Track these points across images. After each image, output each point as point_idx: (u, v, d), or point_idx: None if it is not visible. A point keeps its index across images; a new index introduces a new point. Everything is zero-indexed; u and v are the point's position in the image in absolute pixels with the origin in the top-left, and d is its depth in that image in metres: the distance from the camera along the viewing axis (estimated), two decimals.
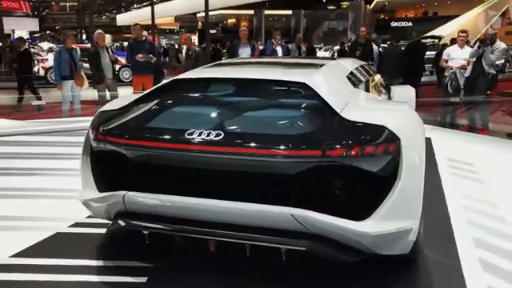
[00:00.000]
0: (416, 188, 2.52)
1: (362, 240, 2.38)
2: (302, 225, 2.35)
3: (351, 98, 2.80)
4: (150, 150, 2.50)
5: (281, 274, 2.74)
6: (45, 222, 3.47)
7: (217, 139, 2.33)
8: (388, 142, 2.40)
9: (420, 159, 2.60)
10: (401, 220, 2.44)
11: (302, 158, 2.27)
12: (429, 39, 21.74)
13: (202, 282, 2.66)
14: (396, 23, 35.08)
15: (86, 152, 2.86)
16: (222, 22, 46.58)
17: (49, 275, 2.71)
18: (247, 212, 2.38)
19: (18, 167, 5.02)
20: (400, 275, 2.78)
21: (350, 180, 2.47)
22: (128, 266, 2.81)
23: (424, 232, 3.28)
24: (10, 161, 5.30)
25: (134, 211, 2.66)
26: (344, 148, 2.28)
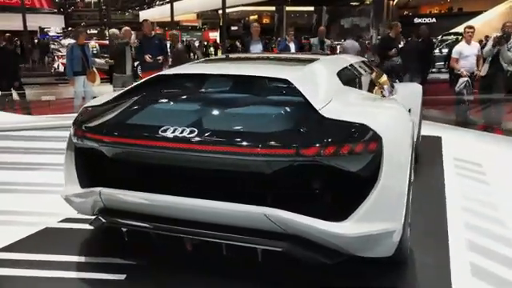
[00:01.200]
0: (398, 189, 2.43)
1: (339, 242, 2.31)
2: (276, 225, 2.29)
3: (338, 96, 2.71)
4: (124, 147, 2.47)
5: (260, 273, 2.68)
6: (36, 216, 3.49)
7: (190, 136, 2.29)
8: (368, 140, 2.31)
9: (404, 159, 2.51)
10: (381, 222, 2.36)
11: (275, 156, 2.21)
12: (452, 36, 21.21)
13: (179, 280, 2.63)
14: (420, 19, 34.39)
15: (69, 147, 2.86)
16: (244, 19, 46.52)
17: (29, 270, 2.72)
18: (221, 211, 2.34)
19: (21, 162, 5.09)
20: (384, 276, 2.70)
21: (326, 180, 2.40)
22: (108, 262, 2.80)
23: (417, 233, 3.22)
24: (13, 155, 5.38)
25: (112, 208, 2.65)
26: (318, 147, 2.20)
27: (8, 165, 4.99)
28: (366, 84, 3.62)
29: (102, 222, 2.67)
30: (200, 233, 2.41)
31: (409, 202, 2.58)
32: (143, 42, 8.56)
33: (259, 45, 9.17)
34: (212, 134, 2.31)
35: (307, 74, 2.93)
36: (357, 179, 2.36)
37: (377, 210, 2.34)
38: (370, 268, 2.74)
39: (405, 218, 2.52)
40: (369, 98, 3.05)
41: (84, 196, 2.65)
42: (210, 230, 2.41)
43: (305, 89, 2.56)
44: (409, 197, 2.57)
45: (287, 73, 2.79)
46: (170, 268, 2.75)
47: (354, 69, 3.64)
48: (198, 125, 2.39)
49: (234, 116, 2.53)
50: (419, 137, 5.18)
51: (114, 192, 2.54)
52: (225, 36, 17.82)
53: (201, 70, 3.10)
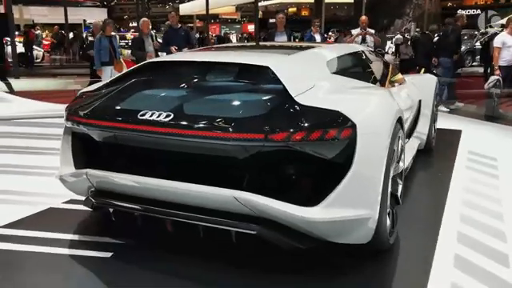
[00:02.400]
0: (372, 177, 2.44)
1: (308, 226, 2.35)
2: (247, 208, 2.35)
3: (321, 84, 2.73)
4: (106, 130, 2.59)
5: (241, 256, 2.75)
6: (43, 197, 3.67)
7: (165, 120, 2.37)
8: (341, 127, 2.33)
9: (381, 148, 2.50)
10: (352, 208, 2.38)
11: (245, 141, 2.26)
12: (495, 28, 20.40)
13: (163, 259, 2.73)
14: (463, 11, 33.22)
15: (66, 131, 3.00)
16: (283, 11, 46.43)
17: (26, 246, 2.88)
18: (194, 193, 2.41)
19: (37, 147, 5.34)
20: (361, 264, 2.70)
21: (298, 165, 2.44)
22: (98, 241, 2.94)
23: (410, 222, 3.22)
24: (31, 141, 5.66)
25: (101, 189, 2.79)
26: (287, 132, 2.24)
27: (32, 149, 5.27)
28: (362, 73, 3.60)
29: (92, 202, 2.81)
30: (173, 213, 2.50)
31: (386, 190, 2.57)
32: (169, 33, 8.74)
33: (284, 36, 9.16)
34: (186, 118, 2.39)
35: (290, 61, 2.96)
36: (329, 165, 2.38)
37: (347, 197, 2.36)
38: (347, 256, 2.76)
39: (382, 207, 2.52)
40: (356, 86, 3.04)
41: (74, 177, 2.79)
42: (184, 212, 2.49)
43: (283, 76, 2.59)
44: (386, 185, 2.56)
45: (269, 60, 2.83)
46: (154, 248, 2.86)
47: (352, 58, 3.63)
48: (176, 109, 2.46)
49: (211, 102, 2.60)
50: (433, 128, 5.08)
51: (99, 173, 2.66)
52: (257, 28, 17.81)
53: (186, 58, 3.18)
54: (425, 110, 4.80)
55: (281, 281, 2.53)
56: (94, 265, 2.68)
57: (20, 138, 5.89)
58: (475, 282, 2.52)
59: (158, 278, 2.54)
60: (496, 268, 2.66)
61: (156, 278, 2.53)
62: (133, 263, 2.69)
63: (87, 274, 2.61)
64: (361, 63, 3.75)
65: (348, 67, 3.47)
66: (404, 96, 4.01)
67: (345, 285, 2.52)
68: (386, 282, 2.57)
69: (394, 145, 2.70)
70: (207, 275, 2.56)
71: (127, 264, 2.69)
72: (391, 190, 2.83)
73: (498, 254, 2.83)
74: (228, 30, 48.81)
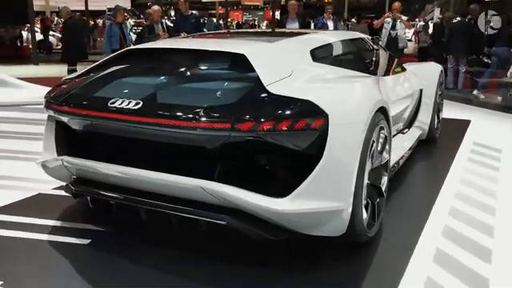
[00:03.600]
0: (344, 169, 2.38)
1: (277, 218, 2.31)
2: (216, 198, 2.32)
3: (300, 73, 2.67)
4: (79, 117, 2.60)
5: (221, 245, 2.74)
6: (35, 183, 3.71)
7: (133, 108, 2.36)
8: (312, 117, 2.27)
9: (355, 139, 2.43)
10: (322, 200, 2.33)
11: (211, 130, 2.23)
12: None
13: (140, 248, 2.73)
14: None
15: (49, 118, 3.02)
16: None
17: (6, 231, 2.92)
18: (163, 182, 2.40)
19: None
20: (337, 255, 2.66)
21: (265, 155, 2.39)
22: (78, 227, 2.96)
23: (396, 214, 3.15)
24: (37, 127, 5.70)
25: (80, 176, 2.80)
26: (253, 122, 2.20)
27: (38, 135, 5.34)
28: (353, 61, 3.51)
29: (72, 189, 2.83)
30: (144, 202, 2.50)
31: (362, 182, 2.50)
32: (179, 20, 8.73)
33: (295, 23, 9.05)
34: (154, 106, 2.37)
35: (269, 49, 2.90)
36: (298, 156, 2.33)
37: (317, 188, 2.31)
38: (323, 247, 2.72)
39: (356, 199, 2.46)
40: (339, 75, 2.95)
41: (53, 163, 2.81)
42: (155, 200, 2.48)
43: (258, 64, 2.54)
44: (362, 177, 2.49)
45: (247, 48, 2.78)
46: (134, 236, 2.87)
47: (344, 46, 3.54)
48: (146, 98, 2.44)
49: (182, 90, 2.56)
50: (435, 118, 4.94)
51: (74, 161, 2.67)
52: (274, 14, 17.68)
53: (165, 45, 3.16)
54: (426, 100, 4.67)
55: (261, 271, 2.50)
56: (70, 251, 2.70)
57: (27, 123, 5.98)
58: (452, 277, 2.45)
59: (133, 266, 2.53)
60: (477, 264, 2.58)
61: (130, 267, 2.52)
62: (108, 251, 2.70)
63: (61, 260, 2.63)
64: (353, 51, 3.66)
65: (337, 55, 3.39)
66: (398, 85, 3.91)
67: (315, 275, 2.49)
68: (358, 274, 2.51)
69: (373, 136, 2.62)
70: (184, 265, 2.54)
71: (101, 251, 2.70)
72: (371, 182, 2.76)
73: (482, 249, 2.74)
74: (251, 16, 48.53)
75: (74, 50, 9.40)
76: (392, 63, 4.20)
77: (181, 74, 2.74)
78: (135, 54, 3.12)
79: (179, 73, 2.76)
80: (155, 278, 2.43)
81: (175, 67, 2.84)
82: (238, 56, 2.65)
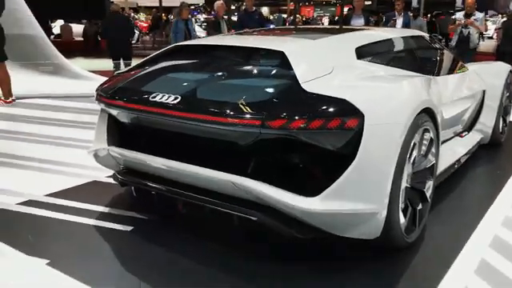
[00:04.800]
0: (379, 171, 2.31)
1: (305, 216, 2.30)
2: (248, 194, 2.35)
3: (342, 71, 2.62)
4: (123, 110, 2.72)
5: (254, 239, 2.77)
6: (92, 171, 3.91)
7: (170, 102, 2.43)
8: (346, 116, 2.23)
9: (393, 141, 2.35)
10: (354, 202, 2.28)
11: (242, 126, 2.25)
12: None
13: (177, 237, 2.82)
14: None
15: (102, 109, 3.18)
16: None
17: (58, 214, 3.13)
18: (198, 175, 2.46)
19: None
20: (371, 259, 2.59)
21: (297, 153, 2.38)
22: (123, 214, 3.11)
23: (442, 222, 3.05)
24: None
25: (126, 166, 2.94)
26: (285, 120, 2.19)
27: None
28: (405, 60, 3.38)
29: (118, 177, 2.98)
30: (182, 193, 2.57)
31: (399, 185, 2.42)
32: (243, 17, 8.83)
33: (361, 19, 8.84)
34: (190, 101, 2.43)
35: (310, 46, 2.86)
36: (331, 156, 2.30)
37: (349, 189, 2.26)
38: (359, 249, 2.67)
39: (392, 202, 2.38)
40: (384, 74, 2.86)
41: (101, 153, 2.97)
42: (193, 193, 2.55)
43: (296, 62, 2.53)
44: (399, 180, 2.41)
45: (287, 45, 2.77)
46: (172, 225, 2.97)
47: (397, 44, 3.42)
48: (184, 93, 2.50)
49: (220, 86, 2.60)
50: (500, 121, 4.65)
51: (119, 151, 2.81)
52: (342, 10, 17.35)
53: (207, 42, 3.21)
54: (489, 102, 4.41)
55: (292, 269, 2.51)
56: (113, 237, 2.84)
57: (88, 113, 6.25)
58: None
59: (169, 255, 2.61)
60: None
61: (167, 255, 2.61)
62: (147, 238, 2.81)
63: (104, 244, 2.77)
64: (406, 50, 3.53)
65: (387, 53, 3.28)
66: (456, 86, 3.72)
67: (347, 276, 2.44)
68: (392, 279, 2.42)
69: (414, 138, 2.52)
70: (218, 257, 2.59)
71: (142, 239, 2.81)
72: (412, 186, 2.66)
73: None
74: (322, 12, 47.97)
75: (116, 46, 9.05)
76: (451, 62, 4.00)
77: (220, 70, 2.79)
78: (180, 50, 3.21)
79: (219, 69, 2.80)
80: (189, 266, 2.50)
81: (216, 63, 2.90)
82: (278, 53, 2.65)
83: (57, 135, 5.23)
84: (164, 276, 2.41)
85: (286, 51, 2.61)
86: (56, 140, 5.05)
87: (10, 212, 3.17)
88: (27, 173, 3.99)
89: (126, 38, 9.25)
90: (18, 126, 5.72)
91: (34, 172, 4.01)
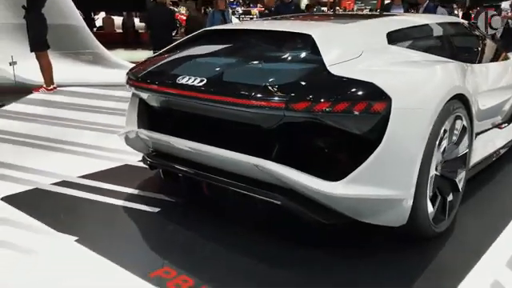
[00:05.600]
0: (405, 157, 2.25)
1: (328, 201, 2.27)
2: (271, 177, 2.34)
3: (371, 55, 2.56)
4: (151, 92, 2.76)
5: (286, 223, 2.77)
6: (125, 155, 3.99)
7: (196, 84, 2.44)
8: (372, 100, 2.18)
9: (421, 127, 2.28)
10: (379, 187, 2.24)
11: (266, 109, 2.23)
12: None
13: (203, 219, 2.85)
14: None
15: (133, 93, 3.24)
16: None
17: (88, 194, 3.22)
18: (222, 158, 2.47)
19: None
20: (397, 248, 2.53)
21: (319, 137, 2.34)
22: (151, 196, 3.16)
23: (476, 214, 2.96)
24: None
25: (155, 149, 2.99)
26: (308, 102, 2.16)
27: None
28: (440, 47, 3.27)
29: (147, 160, 3.03)
30: (209, 176, 2.59)
31: (427, 173, 2.35)
32: (280, 7, 8.79)
33: (400, 9, 8.66)
34: (216, 83, 2.43)
35: (339, 30, 2.81)
36: (356, 140, 2.25)
37: (374, 175, 2.22)
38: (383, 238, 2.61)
39: (419, 190, 2.32)
40: (416, 59, 2.77)
41: (131, 135, 3.02)
42: (217, 175, 2.57)
43: (323, 45, 2.49)
44: (427, 168, 2.34)
45: (315, 29, 2.73)
46: (198, 208, 3.00)
47: (428, 30, 3.31)
48: (210, 75, 2.50)
49: (246, 69, 2.59)
50: None
51: (148, 133, 2.86)
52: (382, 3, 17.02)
53: (236, 27, 3.20)
54: None
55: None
56: (140, 218, 2.90)
57: (125, 101, 6.35)
58: None
59: (193, 236, 2.65)
60: None
61: (191, 237, 2.65)
62: (173, 220, 2.84)
63: (131, 224, 2.83)
64: (441, 36, 3.41)
65: (420, 39, 3.17)
66: (495, 75, 3.57)
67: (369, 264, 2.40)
68: (418, 268, 2.36)
69: (445, 125, 2.44)
70: (241, 244, 2.58)
71: (168, 220, 2.86)
72: (442, 175, 2.59)
73: None
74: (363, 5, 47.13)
75: (158, 37, 8.88)
76: (492, 51, 3.84)
77: (248, 53, 2.78)
78: (210, 35, 3.22)
79: (246, 52, 2.80)
80: (211, 249, 2.51)
81: (244, 47, 2.89)
82: (305, 37, 2.62)
83: (94, 121, 5.38)
84: (187, 257, 2.43)
85: (314, 34, 2.58)
86: (93, 126, 5.19)
87: (43, 191, 3.29)
88: (63, 156, 4.13)
89: (168, 29, 9.33)
90: (58, 112, 5.91)
91: (69, 155, 4.14)
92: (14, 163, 3.86)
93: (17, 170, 3.70)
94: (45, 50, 7.05)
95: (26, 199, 3.15)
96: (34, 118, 5.55)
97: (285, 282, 2.23)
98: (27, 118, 5.56)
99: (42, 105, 6.33)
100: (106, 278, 2.24)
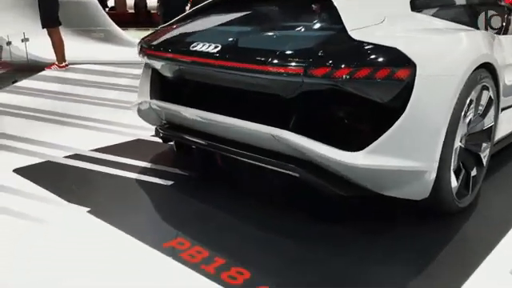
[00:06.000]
0: (430, 127, 2.15)
1: (348, 172, 2.18)
2: (286, 147, 2.25)
3: (392, 21, 2.44)
4: (163, 61, 2.67)
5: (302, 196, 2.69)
6: (138, 130, 3.93)
7: (211, 51, 2.35)
8: (396, 66, 2.07)
9: (445, 95, 2.17)
10: (401, 158, 2.14)
11: (284, 75, 2.13)
12: None
13: (216, 192, 2.78)
14: None
15: (145, 64, 3.16)
16: None
17: (102, 167, 3.17)
18: (237, 128, 2.38)
19: None
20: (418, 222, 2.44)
21: (339, 105, 2.25)
22: (165, 170, 3.10)
23: (500, 189, 2.87)
24: None
25: (169, 121, 2.92)
26: (328, 68, 2.05)
27: None
28: (464, 16, 3.13)
29: (159, 132, 2.96)
30: (223, 148, 2.51)
31: (452, 145, 2.25)
32: None
33: None
34: (230, 49, 2.34)
35: None
36: (378, 108, 2.15)
37: (397, 145, 2.12)
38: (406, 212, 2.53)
39: (443, 162, 2.22)
40: (441, 27, 2.65)
41: (144, 106, 2.95)
42: (233, 147, 2.49)
43: (344, 9, 2.37)
44: (452, 139, 2.24)
45: None
46: (212, 181, 2.94)
47: None
48: (226, 42, 2.42)
49: (264, 35, 2.49)
50: None
51: (161, 104, 2.78)
52: None
53: None
54: None
55: None
56: (153, 190, 2.84)
57: (138, 79, 6.29)
58: None
59: (206, 209, 2.58)
60: None
61: (204, 209, 2.58)
62: (186, 193, 2.79)
63: (143, 196, 2.78)
64: (469, 5, 3.27)
65: (447, 7, 3.04)
66: None
67: None
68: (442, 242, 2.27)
69: (471, 94, 2.33)
70: (254, 216, 2.51)
71: (181, 193, 2.80)
72: (467, 148, 2.48)
73: None
74: None
75: (169, 12, 8.90)
76: None
77: (265, 19, 2.68)
78: (224, 2, 3.11)
79: (263, 19, 2.70)
80: (224, 222, 2.45)
81: (260, 13, 2.79)
82: (326, 2, 2.50)
83: (106, 97, 5.32)
84: (200, 229, 2.37)
85: None
86: (105, 102, 5.14)
87: (55, 164, 3.25)
88: (75, 130, 4.08)
89: (181, 5, 9.14)
90: (70, 88, 5.87)
91: (81, 129, 4.10)
92: (25, 136, 3.83)
93: (28, 143, 3.66)
94: (56, 27, 6.99)
95: (37, 171, 3.10)
96: (47, 94, 5.52)
97: (298, 256, 2.15)
98: (39, 94, 5.52)
99: (55, 81, 6.30)
100: (119, 248, 2.19)
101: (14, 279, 1.95)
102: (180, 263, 2.04)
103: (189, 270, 1.99)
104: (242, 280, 1.93)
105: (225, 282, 1.91)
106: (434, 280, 1.97)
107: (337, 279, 1.97)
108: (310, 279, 1.97)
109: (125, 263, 2.07)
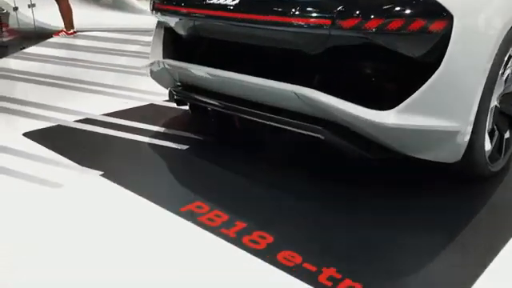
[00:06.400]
0: (466, 84, 1.99)
1: (377, 132, 2.03)
2: (309, 106, 2.11)
3: None
4: (178, 16, 2.51)
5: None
6: (151, 95, 3.80)
7: (230, 4, 2.19)
8: (432, 17, 1.90)
9: (484, 49, 2.01)
10: (435, 118, 1.99)
11: (310, 27, 1.98)
12: None
13: (231, 157, 2.67)
14: None
15: (157, 24, 3.01)
16: None
17: (115, 131, 3.06)
18: (257, 87, 2.24)
19: None
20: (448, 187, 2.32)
21: (369, 61, 2.09)
22: (180, 135, 2.99)
23: None
24: None
25: (183, 82, 2.78)
26: (358, 19, 1.90)
27: None
28: None
29: (173, 94, 2.82)
30: (241, 109, 2.37)
31: (488, 105, 2.10)
32: None
33: None
34: (251, 2, 2.17)
35: None
36: (411, 63, 1.99)
37: (429, 103, 1.97)
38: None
39: (478, 123, 2.07)
40: None
41: (156, 66, 2.81)
42: (253, 109, 2.35)
43: None
44: (488, 99, 2.09)
45: None
46: (229, 147, 2.83)
47: None
48: None
49: None
50: None
51: (174, 63, 2.63)
52: None
53: None
54: None
55: None
56: (168, 154, 2.74)
57: (148, 46, 6.12)
58: None
59: (221, 174, 2.48)
60: None
61: (219, 174, 2.48)
62: (202, 157, 2.68)
63: (158, 160, 2.68)
64: None
65: None
66: None
67: None
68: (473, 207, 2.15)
69: (510, 50, 2.16)
70: (273, 180, 2.41)
71: (196, 157, 2.69)
72: (502, 109, 2.33)
73: None
74: None
75: None
76: None
77: None
78: None
79: None
80: (239, 185, 2.36)
81: None
82: None
83: (116, 63, 5.17)
84: (218, 193, 2.28)
85: None
86: (115, 67, 4.99)
87: (66, 128, 3.15)
88: (85, 95, 3.96)
89: None
90: (80, 54, 5.72)
91: (92, 94, 3.98)
92: (35, 101, 3.72)
93: (38, 108, 3.56)
94: None
95: (48, 135, 3.01)
96: (56, 60, 5.38)
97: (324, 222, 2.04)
98: (48, 60, 5.39)
99: (64, 48, 6.15)
100: (134, 212, 2.10)
101: (28, 244, 1.88)
102: (199, 227, 1.94)
103: (208, 233, 1.90)
104: (265, 244, 1.83)
105: (247, 246, 1.82)
106: (467, 248, 1.86)
107: (364, 244, 1.87)
108: (336, 245, 1.87)
109: (142, 227, 1.98)
